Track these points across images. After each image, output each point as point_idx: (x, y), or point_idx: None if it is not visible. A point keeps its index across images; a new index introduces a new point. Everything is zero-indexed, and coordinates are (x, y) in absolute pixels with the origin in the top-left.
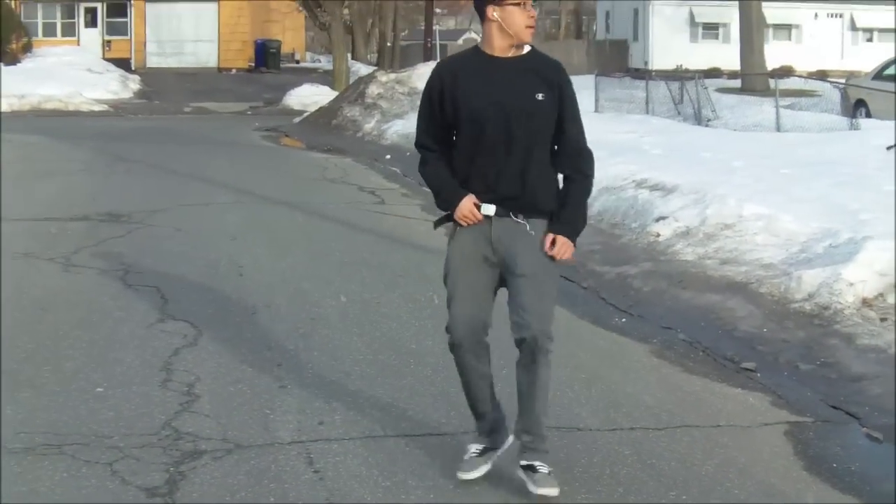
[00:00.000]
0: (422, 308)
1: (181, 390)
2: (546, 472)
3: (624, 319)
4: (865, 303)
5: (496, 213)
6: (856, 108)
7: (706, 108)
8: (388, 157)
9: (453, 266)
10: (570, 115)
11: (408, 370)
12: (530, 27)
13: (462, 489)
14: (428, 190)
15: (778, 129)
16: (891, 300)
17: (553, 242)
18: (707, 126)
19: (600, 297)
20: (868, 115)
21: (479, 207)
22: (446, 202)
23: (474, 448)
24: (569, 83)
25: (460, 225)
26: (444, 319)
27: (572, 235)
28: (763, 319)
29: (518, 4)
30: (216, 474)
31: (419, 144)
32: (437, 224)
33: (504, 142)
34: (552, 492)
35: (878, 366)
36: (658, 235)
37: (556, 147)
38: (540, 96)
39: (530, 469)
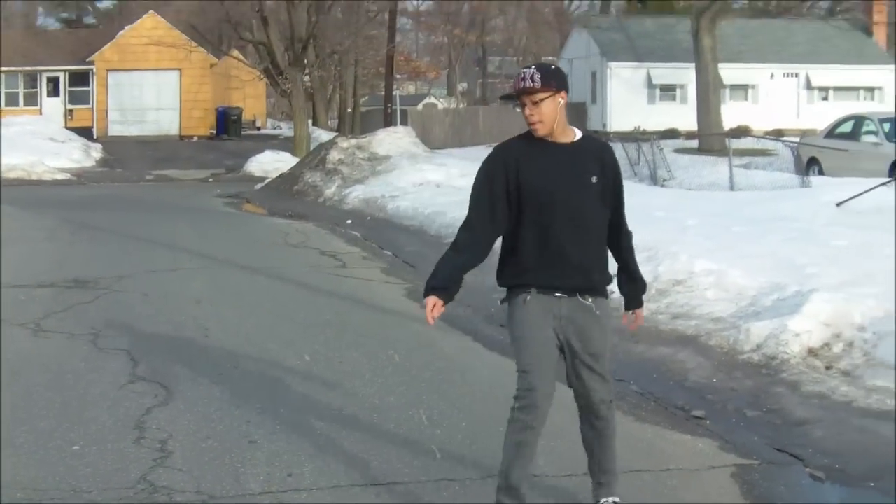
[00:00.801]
0: (384, 366)
1: (154, 447)
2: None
3: None
4: (811, 352)
5: (565, 296)
6: (809, 166)
7: (662, 168)
8: (349, 221)
9: (528, 332)
10: (617, 195)
11: (372, 424)
12: (532, 123)
13: None
14: (389, 253)
15: (731, 187)
16: (836, 349)
17: (636, 319)
18: (663, 186)
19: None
20: (821, 173)
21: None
22: (427, 284)
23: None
24: (616, 163)
25: (529, 295)
26: (405, 377)
27: (642, 305)
28: (712, 370)
29: (522, 105)
30: None
31: (464, 225)
32: (503, 301)
33: (562, 222)
34: None
35: (821, 411)
36: (612, 293)
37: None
38: (594, 179)
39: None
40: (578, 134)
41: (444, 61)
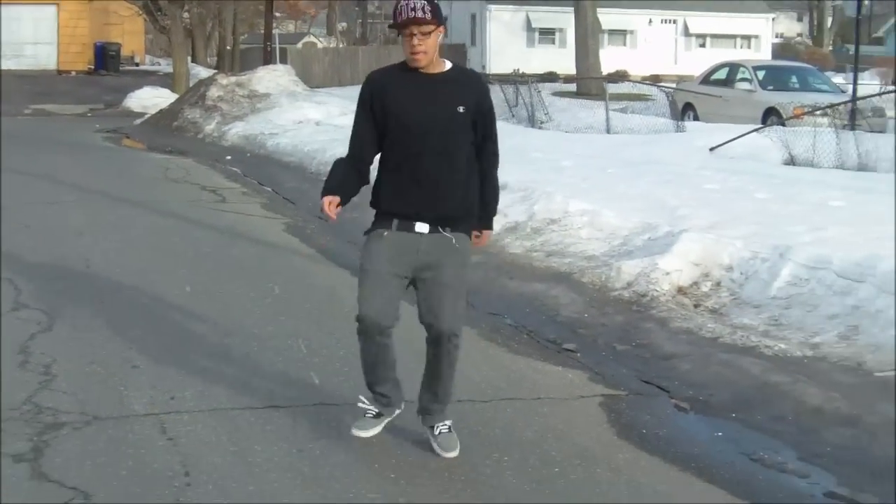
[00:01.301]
0: (263, 297)
1: (39, 370)
2: (447, 429)
3: None
4: (680, 290)
5: (428, 230)
6: (684, 111)
7: (539, 111)
8: (229, 157)
9: (374, 264)
10: (486, 120)
11: (251, 351)
12: (414, 54)
13: (303, 454)
14: (269, 189)
15: (608, 131)
16: (704, 288)
17: (478, 236)
18: (540, 128)
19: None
20: (696, 118)
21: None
22: (323, 190)
23: (371, 410)
24: (486, 90)
25: (387, 229)
26: (284, 307)
27: (489, 226)
28: (584, 306)
29: (406, 35)
30: (77, 442)
31: (348, 154)
32: (367, 233)
33: (434, 154)
34: (454, 453)
35: (688, 346)
36: None
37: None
38: (461, 109)
39: (439, 433)
40: (448, 65)
41: (323, 0)
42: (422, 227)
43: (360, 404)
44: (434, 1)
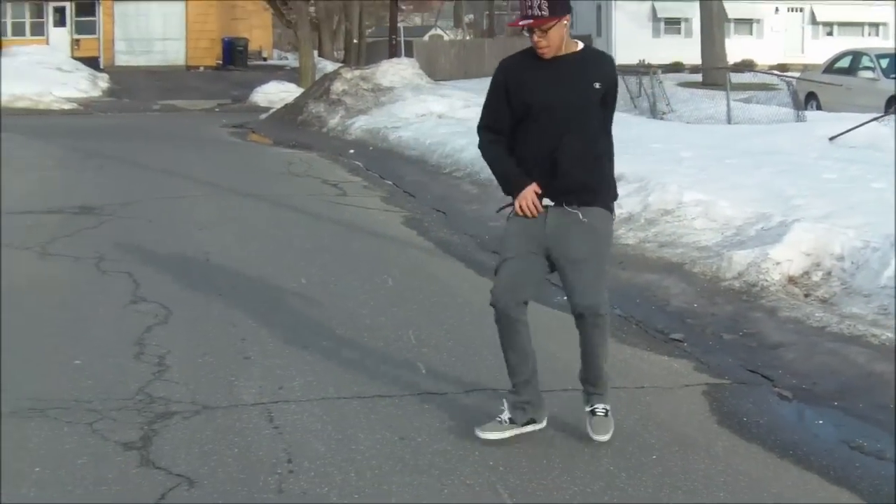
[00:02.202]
0: (377, 289)
1: (153, 362)
2: (604, 412)
3: (564, 298)
4: (791, 280)
5: (553, 204)
6: (807, 100)
7: (661, 102)
8: (352, 151)
9: (508, 241)
10: (612, 105)
11: (362, 342)
12: (539, 49)
13: (406, 442)
14: (389, 182)
15: (729, 121)
16: (815, 278)
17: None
18: (661, 119)
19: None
20: (819, 108)
21: (540, 198)
22: (510, 186)
23: (505, 416)
24: (615, 75)
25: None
26: (397, 299)
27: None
28: (694, 296)
29: (531, 31)
30: (186, 431)
31: (483, 126)
32: (500, 210)
33: (565, 132)
34: (604, 437)
35: (795, 335)
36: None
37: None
38: (597, 85)
39: (594, 412)
40: (580, 45)
41: None
42: (547, 202)
43: (501, 407)
44: None
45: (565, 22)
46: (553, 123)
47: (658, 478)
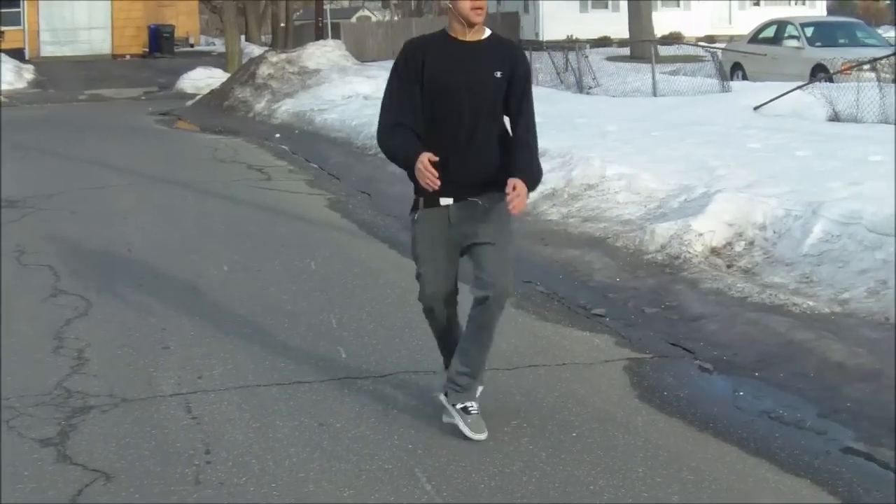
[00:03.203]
0: (300, 273)
1: (72, 355)
2: (477, 412)
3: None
4: (713, 251)
5: (452, 201)
6: (733, 71)
7: (587, 76)
8: (278, 135)
9: (420, 248)
10: (521, 87)
11: (282, 329)
12: (476, 9)
13: (325, 428)
14: (315, 165)
15: (655, 94)
16: (738, 248)
17: (514, 188)
18: (587, 94)
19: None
20: (745, 78)
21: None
22: (406, 160)
23: (471, 408)
24: (524, 60)
25: (423, 208)
26: (320, 283)
27: (529, 185)
28: (617, 271)
29: None
30: (104, 425)
31: (384, 124)
32: (411, 213)
33: (468, 118)
34: (481, 436)
35: (717, 307)
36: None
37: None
38: (498, 74)
39: (467, 411)
40: (487, 32)
41: None
42: (446, 201)
43: (452, 406)
44: None
45: None
46: (457, 108)
47: (577, 454)
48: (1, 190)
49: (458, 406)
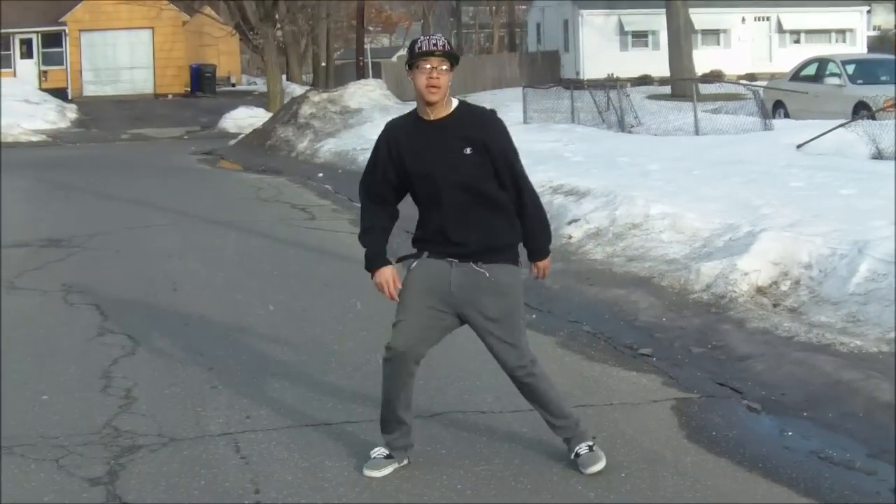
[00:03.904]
0: (345, 313)
1: (120, 395)
2: (587, 449)
3: (534, 315)
4: (759, 290)
5: (457, 261)
6: (775, 109)
7: (629, 115)
8: (321, 175)
9: (409, 296)
10: (503, 160)
11: (329, 369)
12: (430, 87)
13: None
14: (358, 205)
15: (697, 132)
16: (783, 287)
17: (537, 275)
18: (629, 132)
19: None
20: (786, 116)
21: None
22: (368, 263)
23: (381, 451)
24: (495, 129)
25: (416, 261)
26: (366, 323)
27: (546, 256)
28: (663, 310)
29: (422, 69)
30: (152, 464)
31: (362, 188)
32: (399, 260)
33: (451, 197)
34: (597, 467)
35: (764, 346)
36: (570, 237)
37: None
38: (468, 151)
39: (577, 456)
40: (454, 104)
41: (417, 12)
42: (452, 259)
43: (372, 451)
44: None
45: (451, 76)
46: (435, 192)
47: (627, 495)
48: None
49: (582, 449)
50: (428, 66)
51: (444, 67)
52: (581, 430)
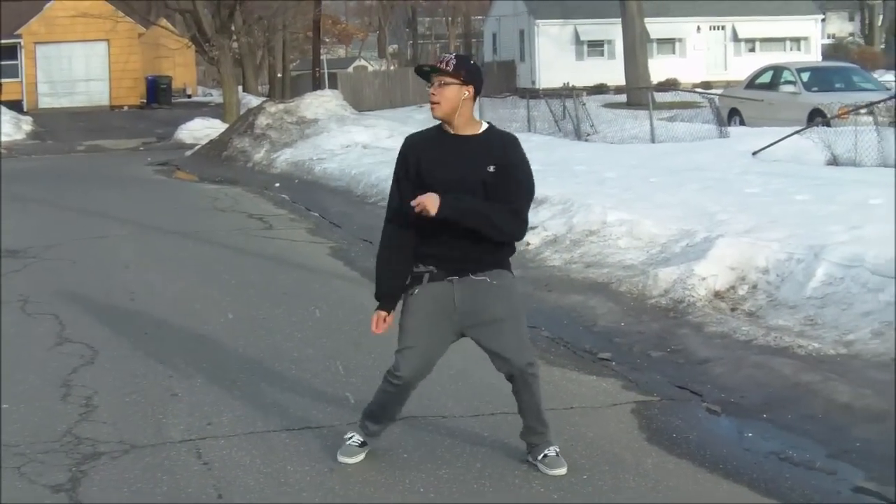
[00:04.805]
0: (304, 321)
1: (80, 403)
2: (555, 454)
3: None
4: (717, 295)
5: (457, 277)
6: (730, 116)
7: (585, 123)
8: (277, 184)
9: (413, 322)
10: (508, 182)
11: (289, 375)
12: (432, 101)
13: (335, 473)
14: (315, 214)
15: (653, 140)
16: (741, 291)
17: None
18: (586, 141)
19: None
20: (742, 123)
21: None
22: (378, 296)
23: (356, 439)
24: (517, 153)
25: (419, 287)
26: (325, 330)
27: (445, 202)
28: (621, 315)
29: (431, 83)
30: (114, 471)
31: (388, 219)
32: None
33: None
34: (561, 471)
35: (722, 350)
36: (528, 244)
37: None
38: (491, 168)
39: (545, 457)
40: (484, 126)
41: (373, 23)
42: (452, 277)
43: (346, 434)
44: (469, 61)
45: (466, 92)
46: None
47: (588, 497)
48: (1, 240)
49: (550, 452)
50: (433, 82)
51: (447, 82)
52: (550, 435)
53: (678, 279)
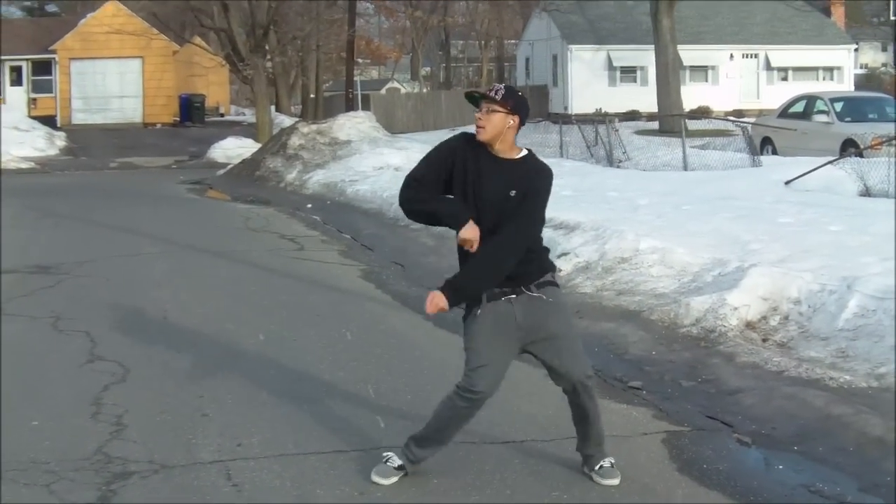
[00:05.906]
0: (336, 343)
1: (110, 421)
2: (610, 465)
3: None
4: (748, 325)
5: (515, 294)
6: (763, 145)
7: (618, 149)
8: (309, 205)
9: (481, 343)
10: (524, 208)
11: (321, 397)
12: (478, 125)
13: (365, 496)
14: (347, 236)
15: (685, 168)
16: (773, 322)
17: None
18: (618, 167)
19: None
20: (775, 152)
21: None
22: (454, 218)
23: (394, 460)
24: (539, 185)
25: (479, 307)
26: (356, 353)
27: (447, 289)
28: (653, 344)
29: (479, 108)
30: (143, 491)
31: (414, 178)
32: (456, 304)
33: (485, 223)
34: (615, 481)
35: (753, 380)
36: (559, 271)
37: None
38: (512, 193)
39: (600, 468)
40: (523, 153)
41: (406, 45)
42: (510, 296)
43: (384, 453)
44: (517, 93)
45: (511, 121)
46: (477, 214)
47: None
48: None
49: (606, 463)
50: (482, 107)
51: (494, 109)
52: (606, 447)
53: (710, 308)
